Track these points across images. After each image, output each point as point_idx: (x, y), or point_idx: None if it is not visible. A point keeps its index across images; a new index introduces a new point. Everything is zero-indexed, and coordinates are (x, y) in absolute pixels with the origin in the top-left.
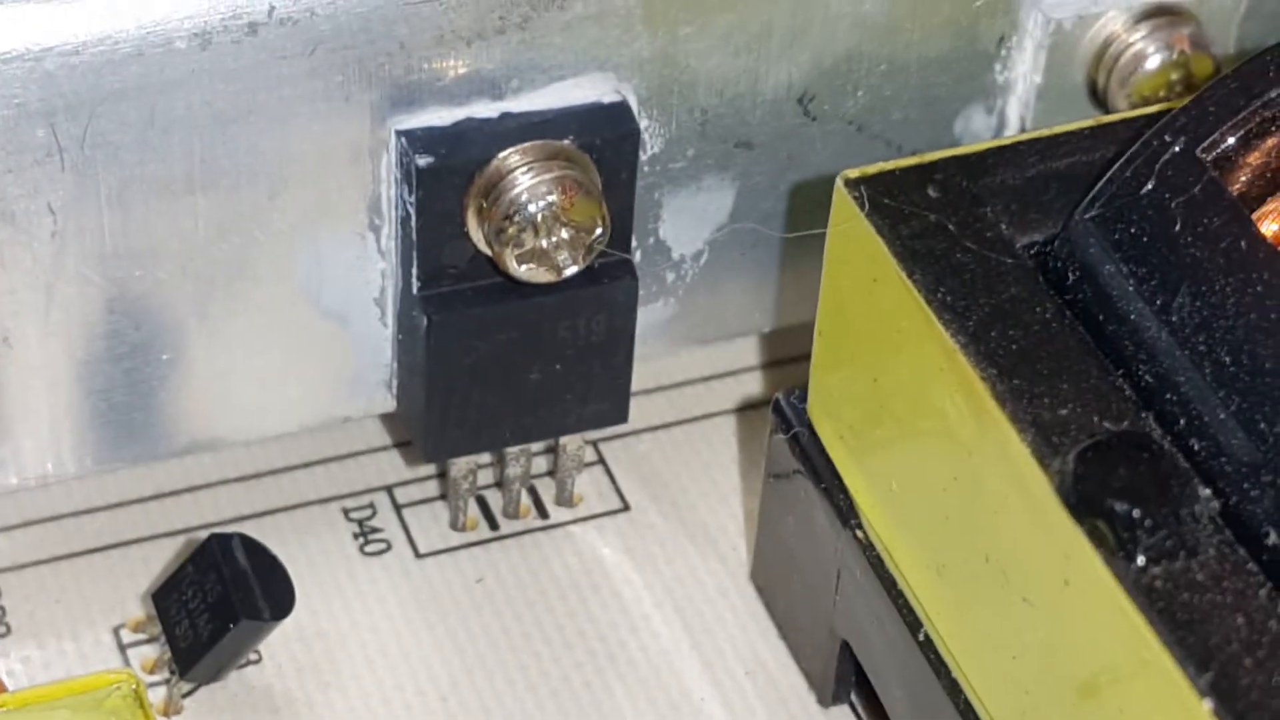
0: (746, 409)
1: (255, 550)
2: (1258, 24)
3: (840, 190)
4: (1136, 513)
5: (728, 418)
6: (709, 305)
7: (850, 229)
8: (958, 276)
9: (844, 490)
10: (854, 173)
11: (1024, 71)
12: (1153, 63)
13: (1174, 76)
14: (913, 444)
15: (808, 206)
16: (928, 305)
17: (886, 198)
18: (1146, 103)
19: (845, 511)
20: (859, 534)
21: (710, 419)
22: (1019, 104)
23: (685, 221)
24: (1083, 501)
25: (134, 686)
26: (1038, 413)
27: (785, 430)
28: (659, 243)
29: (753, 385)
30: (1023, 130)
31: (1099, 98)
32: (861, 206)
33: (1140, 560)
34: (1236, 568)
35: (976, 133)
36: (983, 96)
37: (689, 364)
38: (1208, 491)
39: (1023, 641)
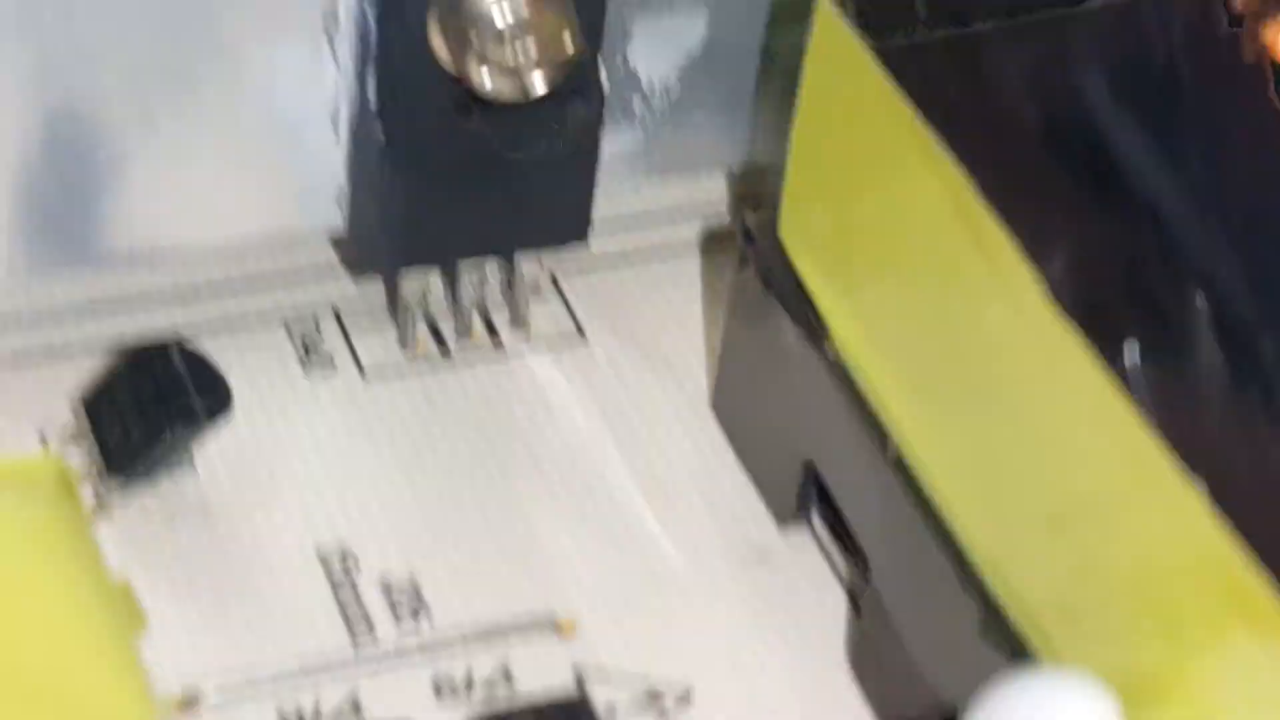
0: (711, 242)
1: (191, 356)
2: None
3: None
4: (1131, 314)
5: (691, 249)
6: (676, 136)
7: (832, 37)
8: (946, 87)
9: (813, 308)
10: None
11: None
12: None
13: None
14: (894, 258)
15: (784, 24)
16: (916, 115)
17: (871, 7)
18: None
19: (815, 330)
20: (829, 352)
21: (673, 250)
22: None
23: (655, 47)
24: (1075, 303)
25: (62, 470)
26: (1030, 221)
27: (753, 250)
28: (627, 69)
29: (719, 220)
30: None
31: None
32: (844, 10)
33: (1134, 361)
34: (1233, 380)
35: None
36: None
37: (651, 196)
38: (1202, 296)
39: (1005, 452)
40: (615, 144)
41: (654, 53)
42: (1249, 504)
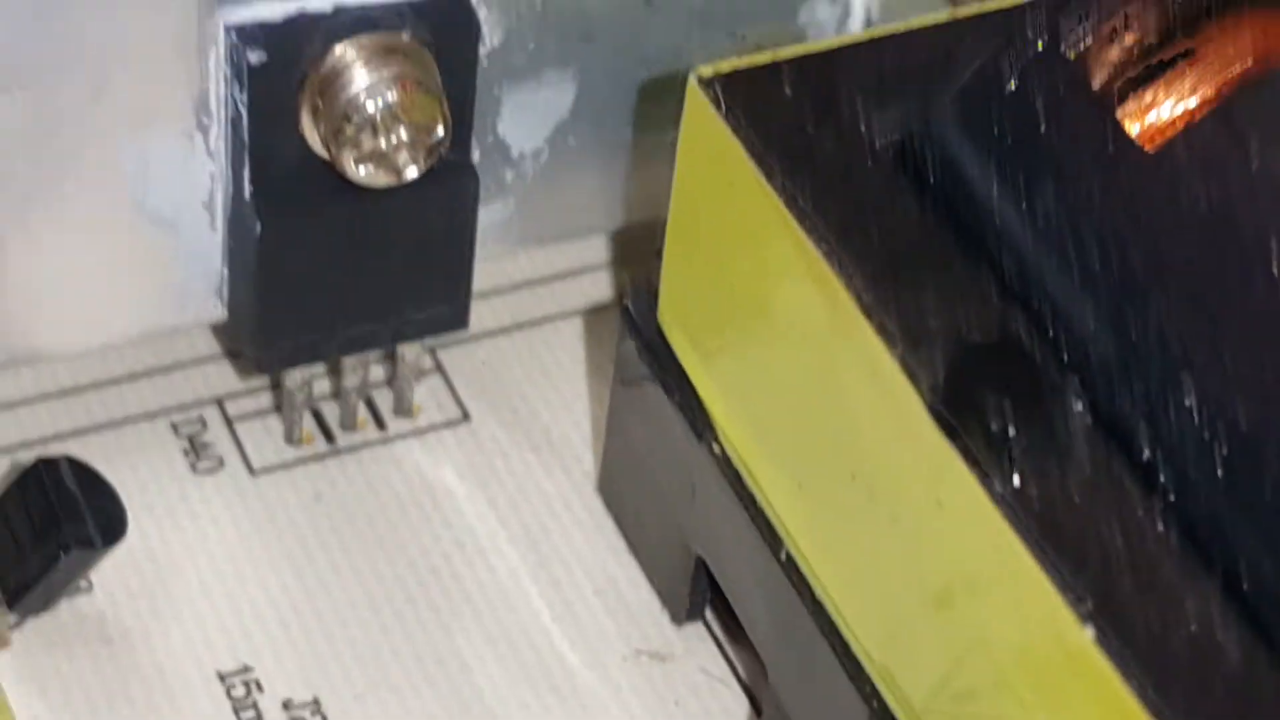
0: (591, 312)
1: (83, 473)
2: None
3: (694, 89)
4: (1010, 430)
5: (572, 321)
6: (550, 204)
7: (704, 129)
8: (817, 178)
9: (698, 401)
10: (707, 70)
11: None
12: None
13: None
14: (772, 355)
15: (652, 95)
16: (787, 209)
17: (741, 96)
18: None
19: (699, 424)
20: (714, 447)
21: (553, 322)
22: None
23: (526, 118)
24: (954, 418)
25: None
26: (905, 321)
27: (635, 336)
28: (498, 140)
29: (598, 287)
30: (868, 19)
31: None
32: (717, 107)
33: (1015, 480)
34: (1112, 482)
35: (821, 23)
36: None
37: (530, 266)
38: (1080, 404)
39: (891, 560)
40: (489, 214)
41: (523, 122)
42: (1131, 621)
